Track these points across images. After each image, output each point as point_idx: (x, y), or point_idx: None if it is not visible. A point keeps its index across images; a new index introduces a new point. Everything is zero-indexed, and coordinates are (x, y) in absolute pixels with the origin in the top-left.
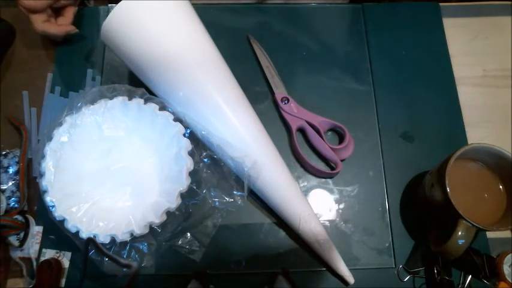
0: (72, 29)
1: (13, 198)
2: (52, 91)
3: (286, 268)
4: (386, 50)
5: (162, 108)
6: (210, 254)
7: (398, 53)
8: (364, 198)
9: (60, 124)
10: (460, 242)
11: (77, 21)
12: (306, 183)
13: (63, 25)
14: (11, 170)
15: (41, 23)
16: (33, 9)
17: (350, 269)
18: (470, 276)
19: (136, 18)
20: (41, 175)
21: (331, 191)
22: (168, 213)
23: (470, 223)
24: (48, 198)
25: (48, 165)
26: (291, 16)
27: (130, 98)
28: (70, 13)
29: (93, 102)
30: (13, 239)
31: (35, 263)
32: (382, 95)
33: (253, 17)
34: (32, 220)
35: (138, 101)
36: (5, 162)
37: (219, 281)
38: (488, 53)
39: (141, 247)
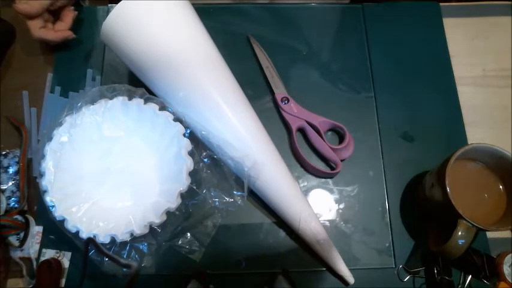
0: (69, 34)
1: (13, 198)
2: (52, 91)
3: (286, 268)
4: (387, 50)
5: (162, 108)
6: (210, 254)
7: (398, 53)
8: (364, 198)
9: (60, 124)
10: (460, 242)
11: (76, 21)
12: (306, 183)
13: (60, 31)
14: (11, 170)
15: (38, 30)
16: (28, 15)
17: (350, 269)
18: (470, 276)
19: (136, 18)
20: (41, 175)
21: (331, 191)
22: (168, 213)
23: (470, 223)
24: (48, 198)
25: (48, 165)
26: (291, 16)
27: (130, 98)
28: (69, 18)
29: (93, 102)
30: (13, 239)
31: (35, 263)
32: (382, 95)
33: (253, 17)
34: (32, 220)
35: (138, 101)
36: (5, 162)
37: (219, 281)
38: (488, 53)
39: (141, 247)
